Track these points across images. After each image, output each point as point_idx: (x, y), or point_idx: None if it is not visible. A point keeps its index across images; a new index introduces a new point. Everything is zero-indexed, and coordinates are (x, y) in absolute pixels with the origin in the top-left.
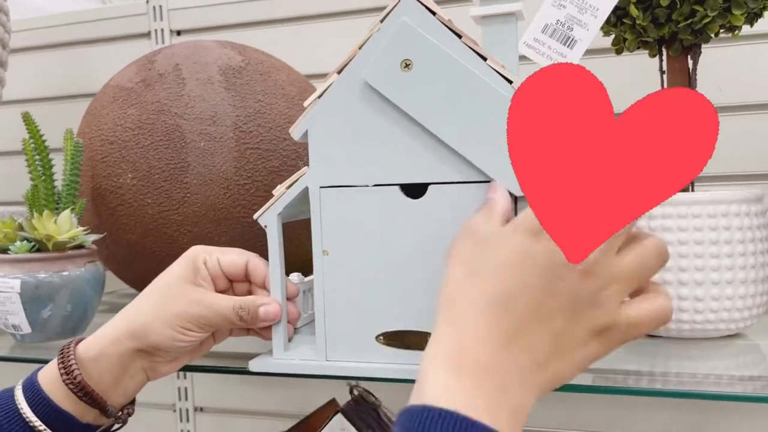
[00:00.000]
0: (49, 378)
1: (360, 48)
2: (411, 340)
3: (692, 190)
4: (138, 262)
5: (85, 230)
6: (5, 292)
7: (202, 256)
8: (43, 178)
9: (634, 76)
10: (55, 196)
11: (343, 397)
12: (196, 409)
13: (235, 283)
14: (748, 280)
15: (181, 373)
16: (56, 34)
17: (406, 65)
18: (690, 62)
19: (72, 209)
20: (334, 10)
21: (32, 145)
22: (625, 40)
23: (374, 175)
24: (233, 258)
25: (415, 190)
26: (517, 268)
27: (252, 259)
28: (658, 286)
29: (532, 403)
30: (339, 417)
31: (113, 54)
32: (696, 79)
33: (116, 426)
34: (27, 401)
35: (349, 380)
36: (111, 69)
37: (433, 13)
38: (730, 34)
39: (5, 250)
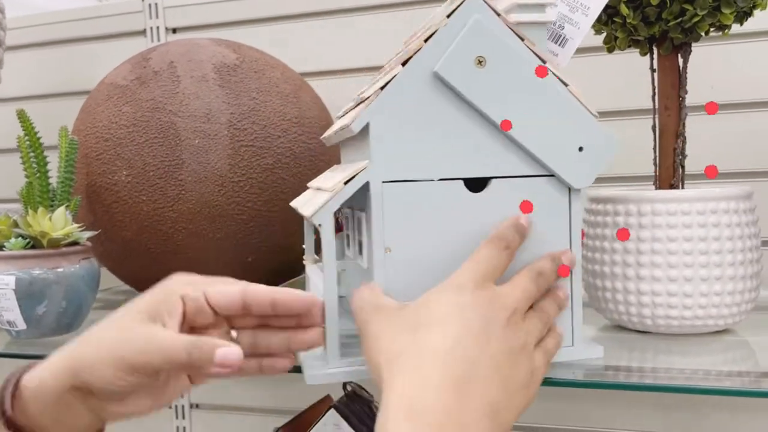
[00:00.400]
0: None
1: (426, 41)
2: None
3: (682, 188)
4: (133, 259)
5: (79, 227)
6: (0, 288)
7: (179, 291)
8: (38, 175)
9: (625, 75)
10: (49, 193)
11: (338, 393)
12: (191, 406)
13: (235, 319)
14: (737, 277)
15: None
16: (52, 32)
17: (479, 62)
18: (680, 60)
19: (67, 206)
20: (328, 8)
21: (27, 142)
22: (616, 38)
23: (439, 169)
24: (228, 292)
25: (475, 185)
26: (456, 319)
27: (250, 289)
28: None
29: None
30: (332, 412)
31: (109, 52)
32: (686, 77)
33: None
34: None
35: None
36: (107, 67)
37: (498, 15)
38: (720, 33)
39: (0, 247)
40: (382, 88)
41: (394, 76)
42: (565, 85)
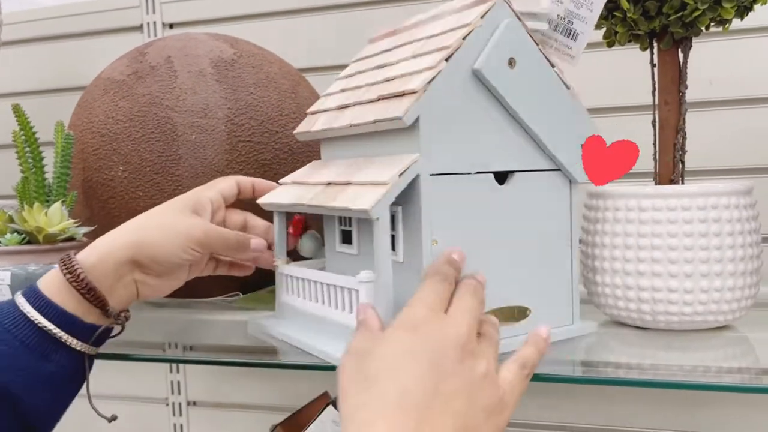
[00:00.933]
0: (51, 284)
1: (464, 39)
2: (503, 314)
3: (682, 183)
4: None
5: (75, 223)
6: None
7: (206, 193)
8: (33, 170)
9: (625, 70)
10: (45, 188)
11: (335, 390)
12: (189, 403)
13: (230, 210)
14: (737, 273)
15: (174, 368)
16: (48, 27)
17: (511, 62)
18: (681, 55)
19: (63, 201)
20: (326, 3)
21: (23, 137)
22: (616, 33)
23: (475, 162)
24: (229, 184)
25: (500, 178)
26: (404, 365)
27: (240, 179)
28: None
29: None
30: (330, 409)
31: (106, 47)
32: (686, 72)
33: (116, 330)
34: (32, 305)
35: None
36: (103, 62)
37: (520, 20)
38: (720, 28)
39: None
40: (429, 82)
41: (439, 72)
42: (568, 88)
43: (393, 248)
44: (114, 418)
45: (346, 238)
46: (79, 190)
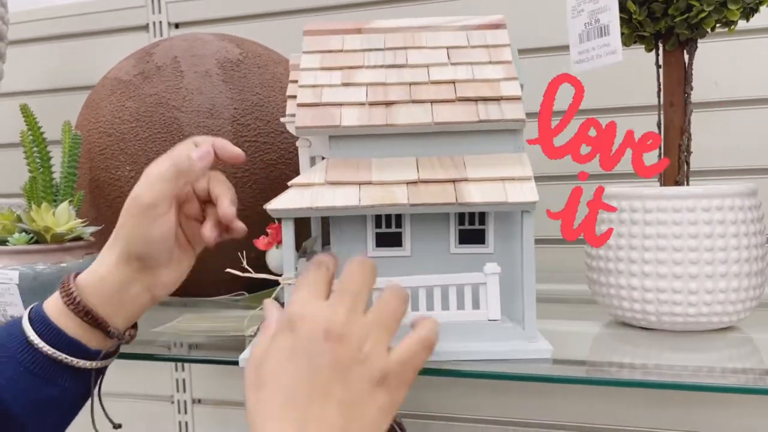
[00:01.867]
0: (54, 307)
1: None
2: None
3: (687, 184)
4: None
5: (83, 222)
6: (4, 283)
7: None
8: (41, 170)
9: (630, 71)
10: (53, 188)
11: None
12: (194, 401)
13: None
14: (742, 274)
15: (179, 366)
16: (55, 26)
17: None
18: (686, 56)
19: (70, 201)
20: (331, 3)
21: (30, 137)
22: (622, 34)
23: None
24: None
25: None
26: (281, 365)
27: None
28: (423, 319)
29: None
30: None
31: (112, 46)
32: (692, 74)
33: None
34: (35, 330)
35: None
36: (109, 61)
37: None
38: (726, 29)
39: (4, 242)
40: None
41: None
42: None
43: (484, 242)
44: (119, 426)
45: (390, 240)
46: (86, 190)
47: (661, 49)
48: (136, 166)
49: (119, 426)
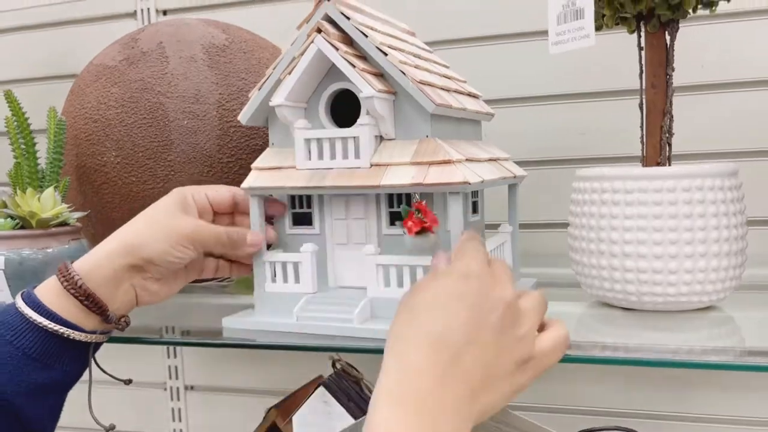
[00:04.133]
0: (49, 293)
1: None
2: None
3: (669, 165)
4: None
5: (69, 208)
6: None
7: (190, 192)
8: (26, 155)
9: (612, 55)
10: (38, 173)
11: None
12: (186, 388)
13: (218, 216)
14: (722, 254)
15: (172, 353)
16: (42, 14)
17: None
18: (668, 38)
19: (56, 187)
20: None
21: (15, 123)
22: (603, 16)
23: None
24: (221, 191)
25: None
26: (450, 305)
27: (237, 191)
28: (555, 320)
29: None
30: (321, 390)
31: (99, 34)
32: (673, 55)
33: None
34: (35, 311)
35: (331, 354)
36: (97, 48)
37: None
38: (707, 11)
39: None
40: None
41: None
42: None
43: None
44: (112, 427)
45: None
46: (73, 176)
47: (643, 30)
48: (122, 151)
49: (113, 427)
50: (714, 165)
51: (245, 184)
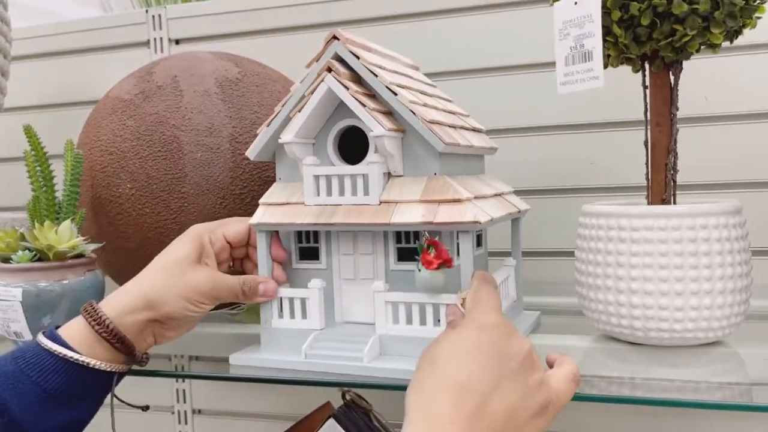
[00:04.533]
0: (75, 334)
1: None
2: None
3: (674, 202)
4: (136, 269)
5: (84, 239)
6: (7, 300)
7: (207, 234)
8: (44, 189)
9: (618, 88)
10: (56, 206)
11: (337, 400)
12: (194, 411)
13: (235, 249)
14: (726, 290)
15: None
16: (58, 43)
17: None
18: (672, 77)
19: (72, 219)
20: (328, 20)
21: (33, 157)
22: (608, 56)
23: None
24: (237, 227)
25: None
26: (472, 355)
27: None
28: (564, 356)
29: None
30: (331, 421)
31: (113, 62)
32: (678, 94)
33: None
34: (62, 346)
35: (341, 386)
36: (111, 76)
37: None
38: (711, 51)
39: (7, 260)
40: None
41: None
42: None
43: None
44: (147, 407)
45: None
46: (88, 207)
47: (647, 70)
48: (137, 183)
49: (147, 407)
50: (718, 203)
51: (254, 219)
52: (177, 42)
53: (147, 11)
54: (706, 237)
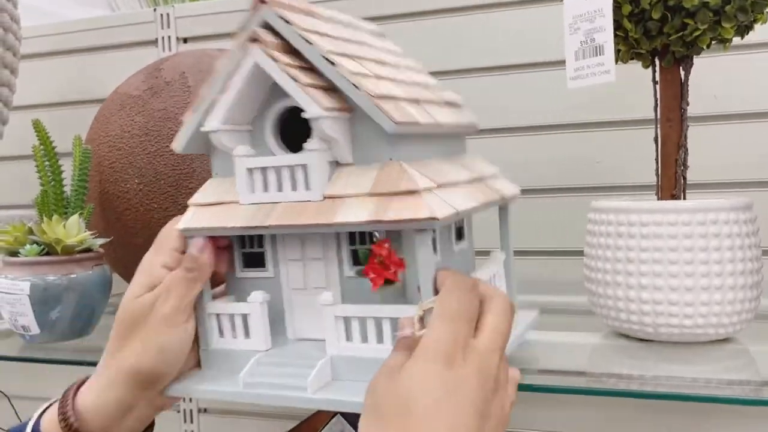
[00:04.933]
0: (51, 425)
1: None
2: None
3: (684, 198)
4: None
5: (92, 234)
6: (15, 294)
7: (160, 265)
8: (52, 183)
9: (629, 84)
10: (64, 201)
11: None
12: (200, 410)
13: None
14: (737, 286)
15: None
16: (66, 41)
17: None
18: (682, 73)
19: (80, 214)
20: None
21: (42, 151)
22: (618, 51)
23: None
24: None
25: None
26: (449, 404)
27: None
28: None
29: None
30: (338, 418)
31: (121, 60)
32: (688, 89)
33: None
34: None
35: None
36: (119, 75)
37: None
38: (721, 46)
39: (15, 254)
40: None
41: None
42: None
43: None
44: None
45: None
46: (96, 202)
47: (657, 65)
48: (145, 179)
49: None
50: (729, 199)
51: (181, 224)
52: (185, 40)
53: (155, 10)
54: (716, 232)
